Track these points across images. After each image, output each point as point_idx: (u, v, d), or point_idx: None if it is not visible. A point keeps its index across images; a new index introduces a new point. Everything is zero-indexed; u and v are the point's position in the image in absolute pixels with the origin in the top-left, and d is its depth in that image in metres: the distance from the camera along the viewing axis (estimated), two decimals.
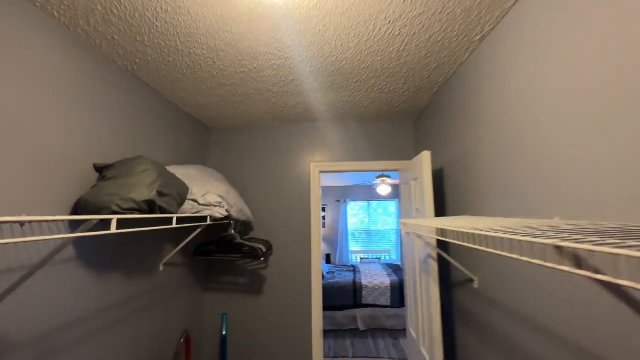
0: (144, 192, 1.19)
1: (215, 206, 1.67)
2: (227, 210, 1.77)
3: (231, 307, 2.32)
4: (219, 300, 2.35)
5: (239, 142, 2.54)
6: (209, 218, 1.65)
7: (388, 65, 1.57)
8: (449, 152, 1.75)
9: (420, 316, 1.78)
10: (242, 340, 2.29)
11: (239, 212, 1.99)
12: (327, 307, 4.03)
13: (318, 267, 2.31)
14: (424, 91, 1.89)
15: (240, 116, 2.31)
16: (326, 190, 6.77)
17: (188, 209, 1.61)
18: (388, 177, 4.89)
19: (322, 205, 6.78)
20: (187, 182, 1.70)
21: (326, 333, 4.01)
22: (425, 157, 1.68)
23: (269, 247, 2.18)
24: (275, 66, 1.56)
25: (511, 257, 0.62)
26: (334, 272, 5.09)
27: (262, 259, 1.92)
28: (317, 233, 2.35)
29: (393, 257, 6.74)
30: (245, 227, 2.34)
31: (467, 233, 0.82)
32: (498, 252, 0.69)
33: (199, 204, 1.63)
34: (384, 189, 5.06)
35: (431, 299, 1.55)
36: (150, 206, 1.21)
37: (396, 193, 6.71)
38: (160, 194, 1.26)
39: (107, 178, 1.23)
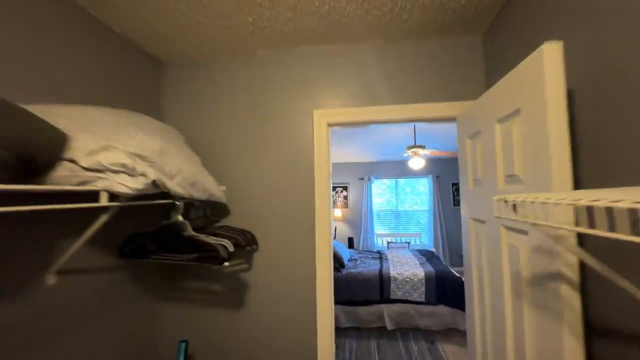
0: None
1: (117, 172, 0.88)
2: (155, 182, 0.98)
3: (194, 330, 1.56)
4: (175, 321, 1.59)
5: (207, 83, 1.68)
6: (103, 195, 0.86)
7: None
8: (592, 58, 0.79)
9: None
10: None
11: (190, 185, 1.19)
12: (348, 302, 3.37)
13: (327, 264, 1.49)
14: None
15: (203, 38, 1.46)
16: (348, 166, 6.07)
17: (63, 178, 0.83)
18: (422, 147, 3.92)
19: (344, 183, 6.05)
20: (74, 130, 0.90)
21: (348, 330, 3.38)
22: (549, 55, 0.74)
23: (248, 242, 1.39)
24: None
25: None
26: (356, 260, 4.36)
27: (227, 263, 1.13)
28: (326, 216, 1.51)
29: (424, 242, 5.89)
30: (213, 209, 1.55)
31: None
32: None
33: (82, 167, 0.84)
34: (417, 161, 4.10)
35: None
36: None
37: (428, 169, 5.68)
38: None
39: None
